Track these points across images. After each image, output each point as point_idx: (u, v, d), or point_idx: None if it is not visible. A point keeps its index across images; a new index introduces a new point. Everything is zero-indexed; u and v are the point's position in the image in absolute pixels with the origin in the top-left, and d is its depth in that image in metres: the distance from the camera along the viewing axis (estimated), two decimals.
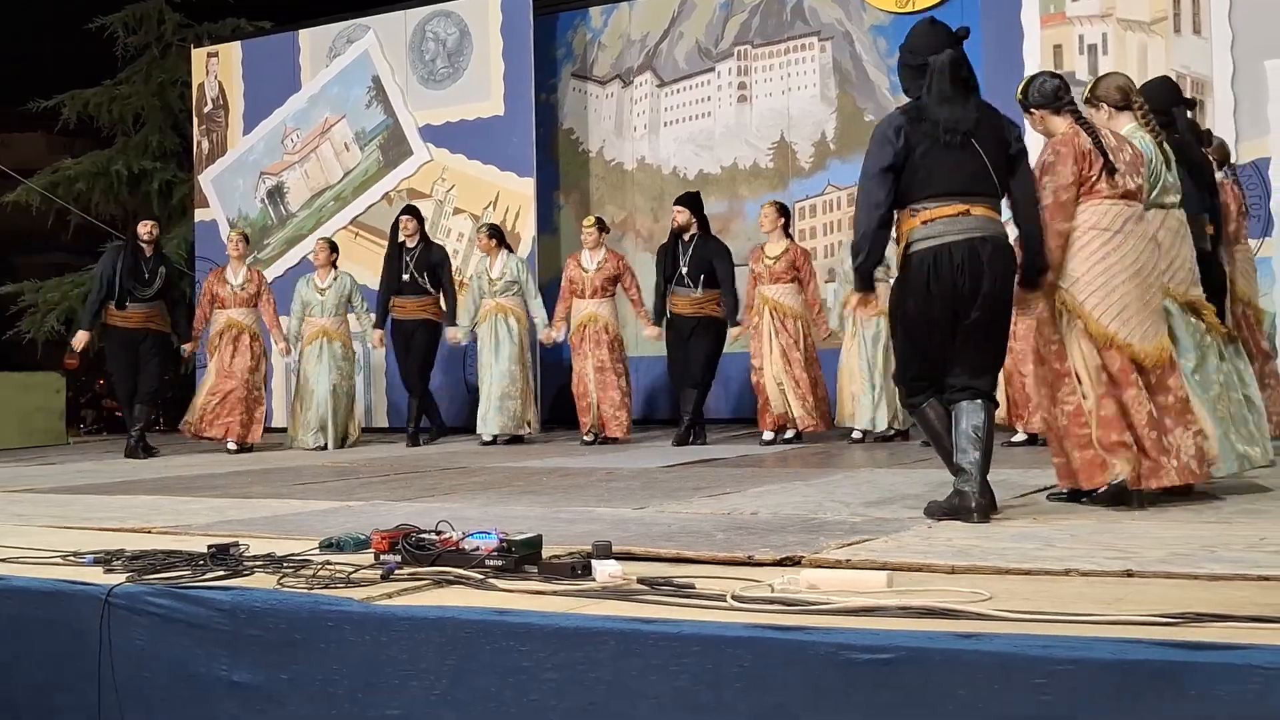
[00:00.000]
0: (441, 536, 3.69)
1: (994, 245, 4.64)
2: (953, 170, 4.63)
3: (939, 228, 4.61)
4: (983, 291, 4.61)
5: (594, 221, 10.25)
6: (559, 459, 8.58)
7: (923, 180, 4.63)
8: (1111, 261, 4.82)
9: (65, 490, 7.07)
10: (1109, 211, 4.85)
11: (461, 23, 12.74)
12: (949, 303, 4.62)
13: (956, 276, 4.58)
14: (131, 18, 16.73)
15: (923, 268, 4.63)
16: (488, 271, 10.43)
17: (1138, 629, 2.60)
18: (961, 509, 4.56)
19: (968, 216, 4.61)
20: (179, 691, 3.34)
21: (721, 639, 2.74)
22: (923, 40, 4.84)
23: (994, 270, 4.62)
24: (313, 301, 10.74)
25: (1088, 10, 10.15)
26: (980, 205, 4.65)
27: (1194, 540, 3.90)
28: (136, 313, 10.12)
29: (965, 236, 4.60)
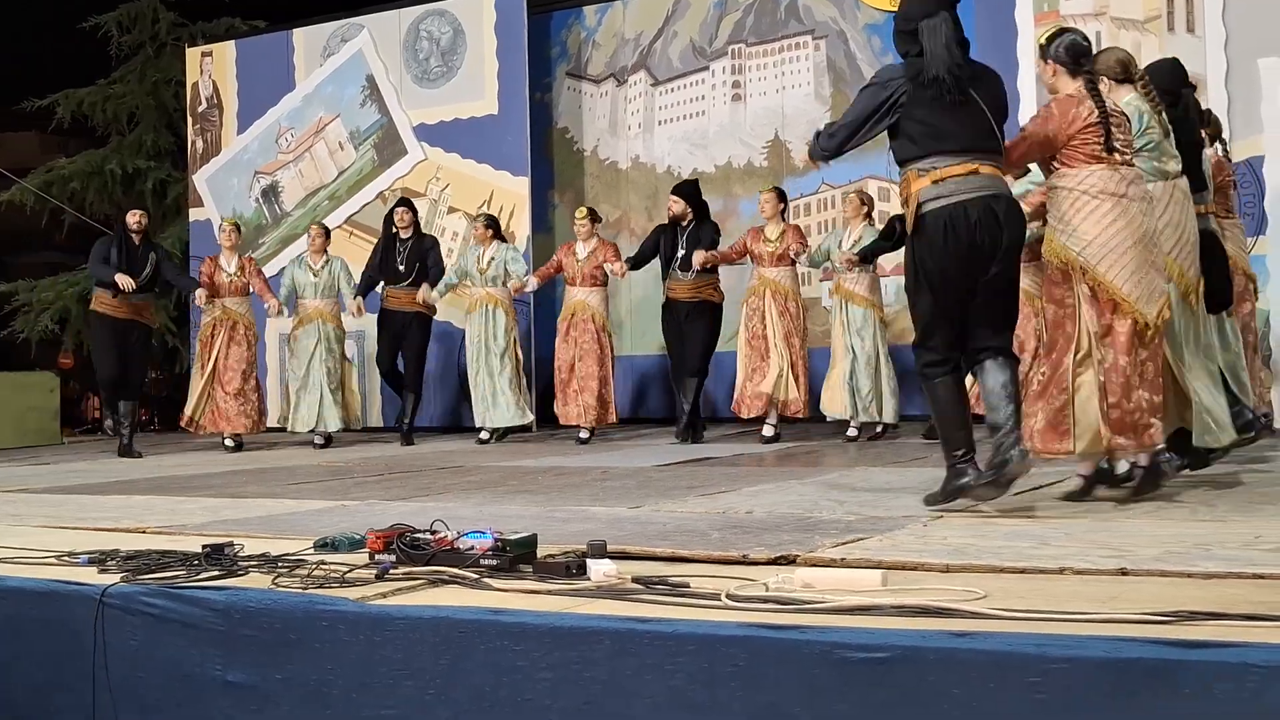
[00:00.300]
0: (436, 536, 3.69)
1: (1007, 202, 4.71)
2: (957, 128, 4.67)
3: (951, 186, 4.64)
4: (1002, 247, 4.67)
5: (586, 213, 10.28)
6: (554, 458, 8.58)
7: (928, 138, 4.67)
8: (1121, 225, 4.86)
9: (59, 490, 7.06)
10: (1114, 176, 4.88)
11: (455, 22, 12.73)
12: (966, 261, 4.66)
13: (975, 234, 4.62)
14: (125, 17, 16.71)
15: (938, 226, 4.65)
16: (478, 260, 10.44)
17: (1132, 627, 2.61)
18: (1004, 464, 4.60)
19: (977, 175, 4.66)
20: (174, 691, 3.34)
21: (716, 638, 2.74)
22: (915, 6, 4.84)
23: (1010, 228, 4.68)
24: (305, 283, 10.75)
25: (1081, 8, 10.15)
26: (987, 163, 4.70)
27: (1189, 538, 3.91)
28: (126, 304, 10.10)
29: (978, 194, 4.64)
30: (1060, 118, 4.90)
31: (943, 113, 4.66)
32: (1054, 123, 4.90)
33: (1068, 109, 4.92)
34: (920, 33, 4.73)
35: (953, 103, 4.65)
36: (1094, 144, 4.88)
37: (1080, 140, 4.89)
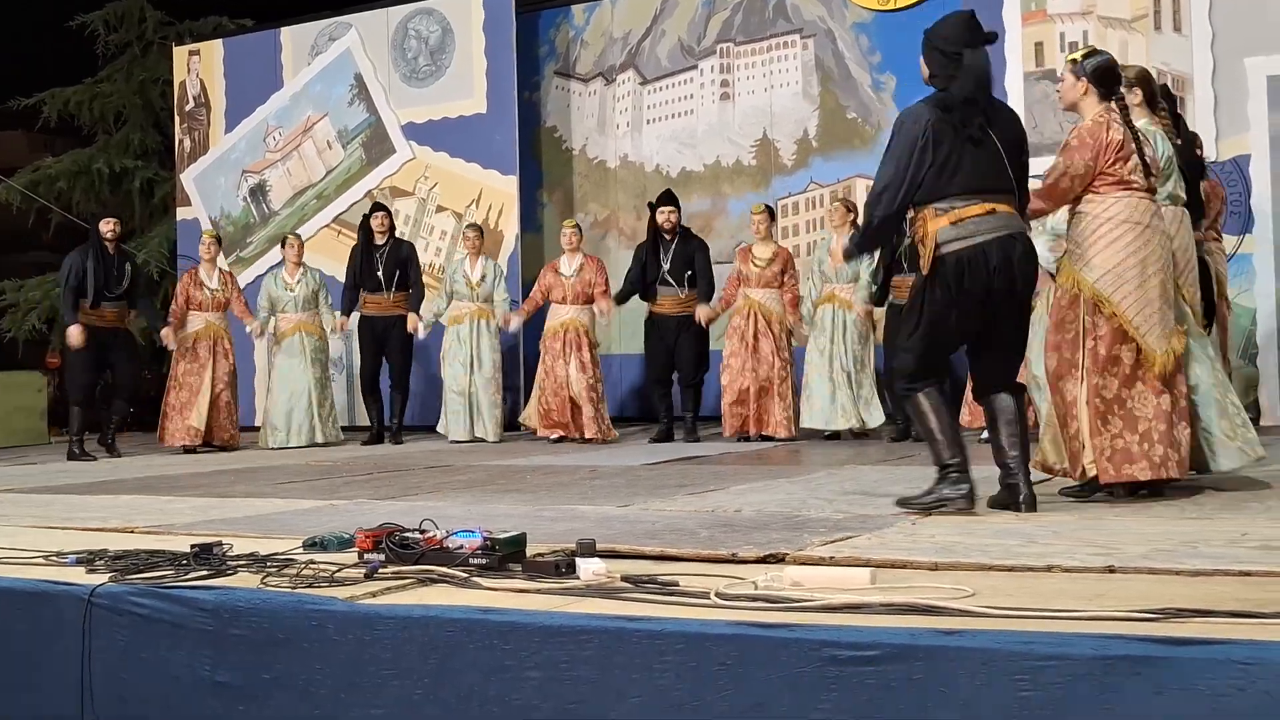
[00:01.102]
0: (425, 535, 3.69)
1: (1023, 244, 4.69)
2: (975, 168, 4.64)
3: (970, 227, 4.62)
4: (1017, 290, 4.69)
5: (574, 225, 10.29)
6: (542, 457, 8.58)
7: (947, 178, 4.64)
8: (1142, 256, 4.86)
9: (47, 490, 7.04)
10: (1138, 205, 4.89)
11: (444, 20, 12.72)
12: (979, 305, 4.66)
13: (992, 278, 4.62)
14: (112, 15, 16.68)
15: (958, 268, 4.63)
16: (467, 273, 10.38)
17: (1119, 624, 2.62)
18: (1012, 502, 4.66)
19: (994, 215, 4.64)
20: (160, 692, 3.33)
21: (705, 636, 2.74)
22: (961, 31, 4.80)
23: (1025, 269, 4.69)
24: (282, 298, 10.71)
25: (1069, 7, 10.18)
26: (1004, 203, 4.68)
27: (1175, 536, 3.92)
28: (110, 311, 10.03)
29: (996, 235, 4.62)
30: (1095, 145, 4.87)
31: (962, 150, 4.64)
32: (1090, 151, 4.87)
33: (1099, 135, 4.89)
34: (963, 58, 4.69)
35: (972, 140, 4.63)
36: (1122, 170, 4.87)
37: (1110, 166, 4.87)
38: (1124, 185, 4.89)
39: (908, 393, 4.80)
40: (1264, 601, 2.80)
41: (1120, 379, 4.85)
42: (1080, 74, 5.00)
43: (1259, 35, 9.38)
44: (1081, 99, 5.01)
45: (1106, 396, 4.86)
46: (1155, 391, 4.87)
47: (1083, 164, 4.88)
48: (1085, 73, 4.98)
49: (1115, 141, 4.87)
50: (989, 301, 4.66)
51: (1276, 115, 9.33)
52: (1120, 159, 4.87)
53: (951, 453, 4.68)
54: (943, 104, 4.71)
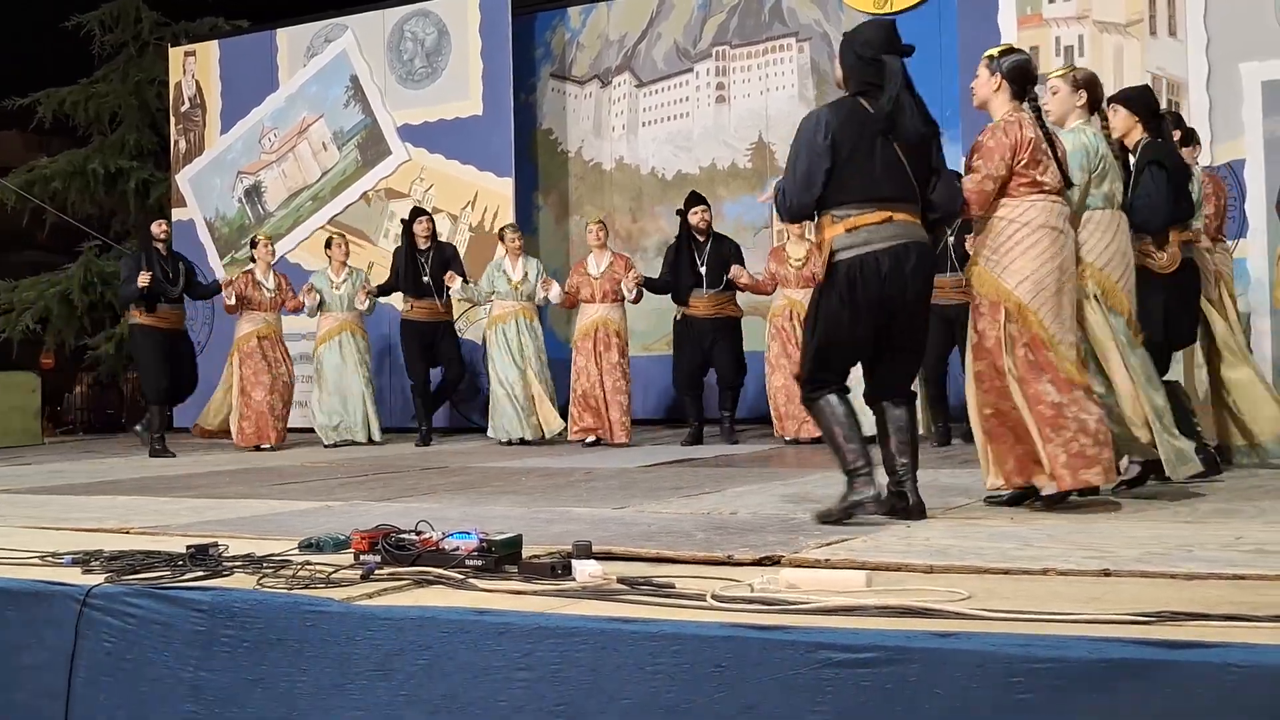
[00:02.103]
0: (421, 537, 3.69)
1: (917, 253, 4.61)
2: (875, 175, 4.57)
3: (864, 235, 4.56)
4: (908, 299, 4.61)
5: (599, 223, 10.17)
6: (538, 459, 8.58)
7: (845, 185, 4.58)
8: (1059, 263, 4.80)
9: (42, 490, 7.04)
10: (1054, 209, 4.82)
11: (440, 22, 12.73)
12: (874, 311, 4.60)
13: (883, 286, 4.56)
14: (108, 16, 16.66)
15: (849, 275, 4.57)
16: (508, 272, 10.24)
17: (1115, 628, 2.62)
18: (900, 509, 4.60)
19: (891, 224, 4.57)
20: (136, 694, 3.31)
21: (699, 638, 2.75)
22: (881, 36, 4.73)
23: (917, 278, 4.61)
24: (329, 297, 10.80)
25: (1064, 12, 10.19)
26: (903, 211, 4.60)
27: (1170, 540, 3.93)
28: (171, 313, 10.23)
29: (890, 244, 4.56)
30: (1011, 144, 4.79)
31: (861, 158, 4.57)
32: (1005, 151, 4.78)
33: (1012, 134, 4.81)
34: (884, 64, 4.62)
35: (876, 148, 4.56)
36: (1035, 171, 4.79)
37: (1023, 167, 4.80)
38: (1037, 188, 4.81)
39: (809, 399, 4.74)
40: (1258, 605, 2.81)
41: (1058, 384, 4.75)
42: (995, 70, 4.92)
43: (1254, 40, 9.40)
44: (993, 96, 4.93)
45: (1053, 401, 4.74)
46: (1087, 394, 4.80)
47: (1002, 164, 4.79)
48: (1000, 70, 4.91)
49: (1028, 140, 4.79)
50: (881, 310, 4.60)
51: (1271, 120, 9.35)
52: (1033, 160, 4.79)
53: (855, 457, 4.60)
54: (845, 109, 4.67)
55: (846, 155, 4.57)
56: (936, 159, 4.74)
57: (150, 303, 10.02)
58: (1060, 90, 5.28)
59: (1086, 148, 5.18)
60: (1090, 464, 4.70)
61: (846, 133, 4.59)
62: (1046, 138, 4.85)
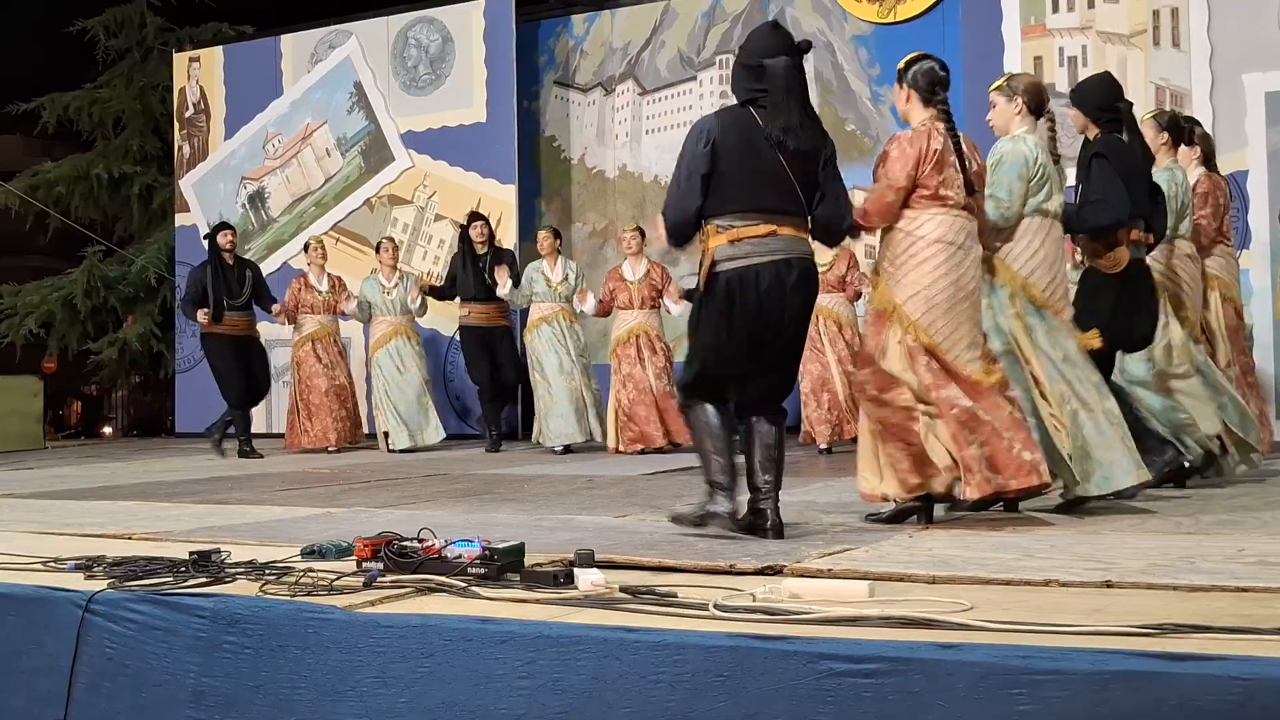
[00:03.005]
0: (424, 544, 3.69)
1: (799, 270, 4.49)
2: (761, 187, 4.45)
3: (746, 248, 4.45)
4: (785, 317, 4.49)
5: (635, 229, 10.10)
6: (540, 466, 8.58)
7: (730, 195, 4.47)
8: (954, 278, 4.73)
9: (44, 495, 7.04)
10: (954, 224, 4.75)
11: (444, 29, 12.75)
12: (752, 326, 4.49)
13: (762, 301, 4.45)
14: (113, 21, 16.68)
15: (729, 289, 4.47)
16: (546, 273, 10.18)
17: (1117, 639, 2.62)
18: (758, 527, 4.47)
19: (775, 237, 4.46)
20: (137, 700, 3.31)
21: (701, 648, 2.75)
22: (763, 42, 4.60)
23: (796, 296, 4.50)
24: (379, 302, 10.84)
25: (1068, 23, 10.21)
26: (788, 225, 4.49)
27: (1173, 551, 3.93)
28: (240, 320, 10.35)
29: (772, 259, 4.45)
30: (913, 155, 4.73)
31: (746, 168, 4.44)
32: (908, 162, 4.72)
33: (917, 143, 4.75)
34: (764, 71, 4.49)
35: (762, 159, 4.44)
36: (937, 182, 4.72)
37: (926, 178, 4.73)
38: (939, 201, 4.74)
39: (686, 407, 4.69)
40: (1261, 618, 2.81)
41: (969, 390, 4.70)
42: (903, 82, 4.89)
43: (1257, 52, 9.42)
44: (907, 107, 4.90)
45: (966, 405, 4.69)
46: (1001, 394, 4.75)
47: (904, 175, 4.73)
48: (908, 81, 4.86)
49: (934, 151, 4.72)
50: (759, 325, 4.49)
51: (1274, 131, 9.36)
52: (936, 171, 4.72)
53: (718, 470, 4.54)
54: (730, 116, 4.57)
55: (730, 164, 4.45)
56: (825, 173, 4.57)
57: (216, 312, 10.17)
58: (997, 103, 5.25)
59: (1026, 158, 5.12)
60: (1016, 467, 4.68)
61: (730, 140, 4.47)
62: (956, 149, 4.76)
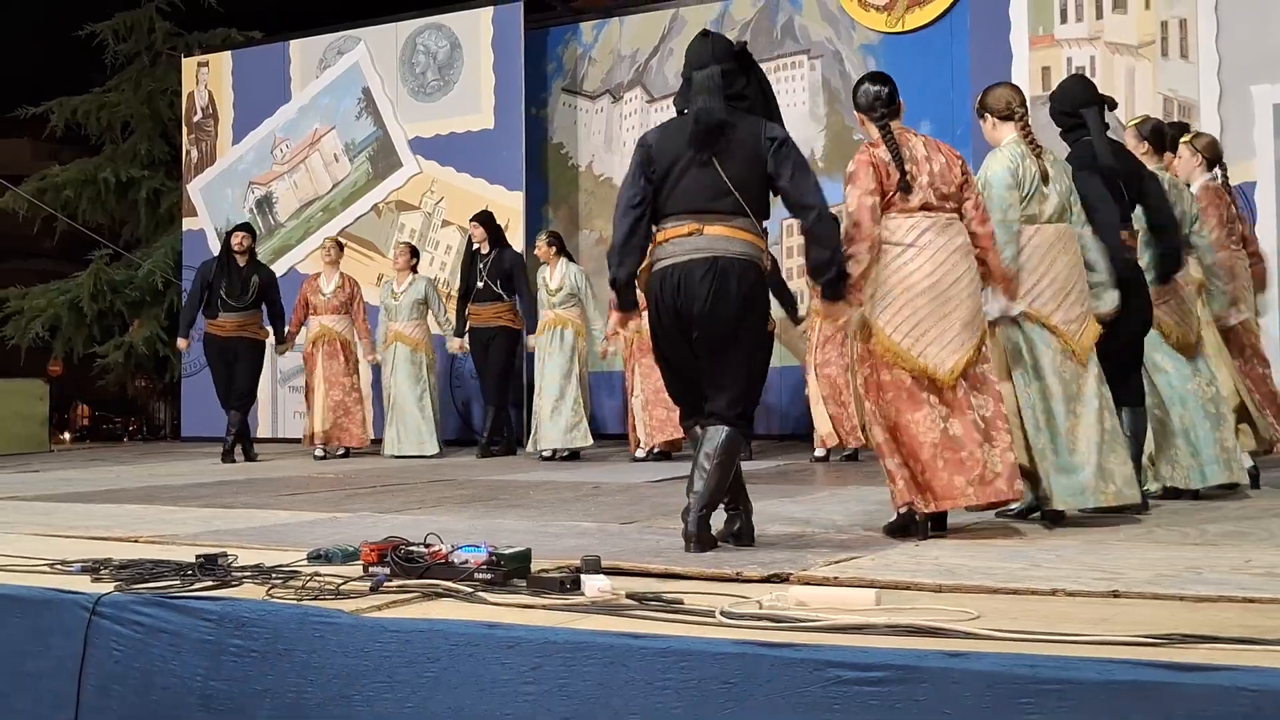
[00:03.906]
0: (430, 549, 3.69)
1: (717, 266, 4.43)
2: (690, 189, 4.48)
3: (669, 249, 4.50)
4: (695, 313, 4.44)
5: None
6: (545, 473, 8.58)
7: (665, 200, 4.52)
8: (904, 274, 4.71)
9: (50, 498, 7.05)
10: (903, 224, 4.76)
11: (452, 36, 12.77)
12: (675, 324, 4.51)
13: (674, 298, 4.46)
14: (122, 25, 16.71)
15: (651, 289, 4.54)
16: (546, 281, 10.17)
17: (1124, 649, 2.62)
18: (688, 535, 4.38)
19: (699, 235, 4.45)
20: (147, 703, 3.32)
21: (708, 654, 2.75)
22: (693, 53, 4.65)
23: (705, 291, 4.41)
24: (389, 306, 10.87)
25: (1076, 33, 10.21)
26: (716, 224, 4.46)
27: (1180, 562, 3.93)
28: (229, 320, 10.35)
29: (685, 258, 4.45)
30: (865, 162, 4.77)
31: (680, 174, 4.48)
32: (866, 166, 4.77)
33: (868, 152, 4.81)
34: (692, 80, 4.56)
35: (691, 162, 4.46)
36: (889, 190, 4.75)
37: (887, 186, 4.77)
38: (893, 206, 4.77)
39: (685, 426, 4.72)
40: (1268, 629, 2.81)
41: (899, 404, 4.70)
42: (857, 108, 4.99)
43: (1266, 63, 9.42)
44: (866, 129, 4.98)
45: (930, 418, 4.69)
46: (941, 416, 4.70)
47: (870, 181, 4.75)
48: (856, 108, 4.99)
49: (884, 161, 4.77)
50: (679, 323, 4.49)
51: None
52: (888, 179, 4.76)
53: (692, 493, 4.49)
54: (670, 127, 4.62)
55: (665, 172, 4.50)
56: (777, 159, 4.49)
57: (211, 309, 10.26)
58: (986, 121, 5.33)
59: (1006, 169, 5.13)
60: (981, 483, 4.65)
61: (665, 148, 4.52)
62: (895, 155, 4.77)
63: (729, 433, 4.46)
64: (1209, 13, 9.68)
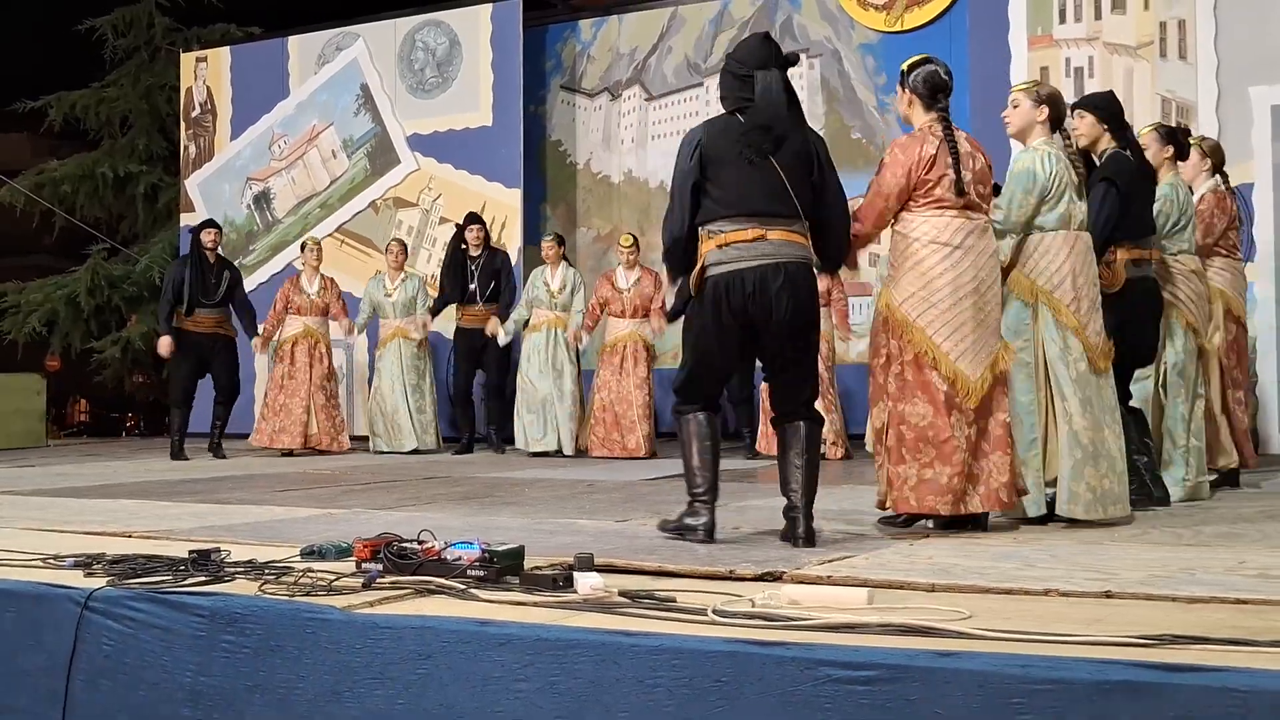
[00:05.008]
0: (424, 546, 3.69)
1: (787, 272, 4.47)
2: (749, 191, 4.48)
3: (733, 253, 4.47)
4: (774, 319, 4.48)
5: (631, 241, 10.07)
6: (540, 470, 8.57)
7: (719, 200, 4.51)
8: (952, 278, 4.68)
9: (45, 493, 7.04)
10: (950, 225, 4.72)
11: (451, 33, 12.76)
12: (741, 330, 4.52)
13: (747, 305, 4.46)
14: (121, 20, 16.69)
15: (716, 294, 4.50)
16: (546, 282, 10.19)
17: (1117, 650, 2.62)
18: (791, 535, 4.47)
19: (763, 241, 4.47)
20: (135, 699, 3.31)
21: (700, 653, 2.75)
22: (756, 53, 4.63)
23: (783, 299, 4.46)
24: (382, 304, 10.85)
25: (1075, 34, 10.21)
26: (778, 229, 4.49)
27: (1173, 563, 3.93)
28: (207, 318, 10.33)
29: (758, 263, 4.45)
30: (905, 162, 4.73)
31: (736, 173, 4.48)
32: (899, 168, 4.73)
33: (911, 150, 4.75)
34: (755, 80, 4.53)
35: (749, 163, 4.46)
36: (936, 186, 4.71)
37: (923, 182, 4.72)
38: (936, 204, 4.72)
39: (678, 412, 4.69)
40: (1260, 630, 2.81)
41: (935, 405, 4.66)
42: (905, 85, 4.89)
43: (1264, 65, 9.42)
44: (909, 110, 4.90)
45: (918, 423, 4.67)
46: (967, 421, 4.69)
47: (894, 181, 4.73)
48: (909, 85, 4.87)
49: (928, 156, 4.71)
50: (748, 329, 4.51)
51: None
52: (931, 173, 4.71)
53: (698, 484, 4.56)
54: (719, 125, 4.61)
55: (719, 171, 4.50)
56: (822, 175, 4.60)
57: (188, 308, 10.21)
58: (1021, 104, 5.19)
59: (1037, 173, 5.07)
60: (941, 493, 4.64)
61: (718, 148, 4.52)
62: (953, 152, 4.74)
63: (813, 427, 4.60)
64: (1208, 14, 9.68)
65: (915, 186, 4.74)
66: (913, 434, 4.69)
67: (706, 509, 4.54)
